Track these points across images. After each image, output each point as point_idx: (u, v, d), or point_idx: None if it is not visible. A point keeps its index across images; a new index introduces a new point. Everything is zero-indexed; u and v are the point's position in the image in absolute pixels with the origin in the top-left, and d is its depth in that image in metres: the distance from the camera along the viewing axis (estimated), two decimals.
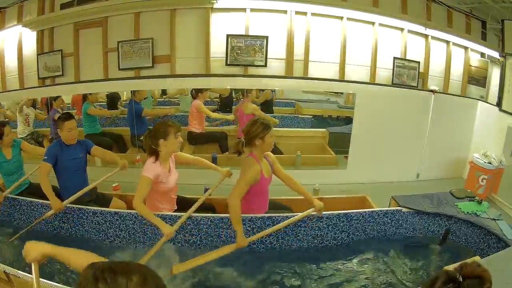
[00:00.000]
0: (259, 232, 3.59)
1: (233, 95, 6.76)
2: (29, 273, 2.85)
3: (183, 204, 3.86)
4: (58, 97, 6.15)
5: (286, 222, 3.62)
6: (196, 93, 6.06)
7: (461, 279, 1.44)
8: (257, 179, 3.44)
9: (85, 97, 6.13)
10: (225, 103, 6.80)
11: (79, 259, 1.69)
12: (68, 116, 3.94)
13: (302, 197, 3.84)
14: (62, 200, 3.85)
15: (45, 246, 1.82)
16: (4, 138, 4.13)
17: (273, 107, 7.01)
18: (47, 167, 3.86)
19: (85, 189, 3.93)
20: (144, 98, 6.26)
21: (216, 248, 3.64)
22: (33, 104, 6.37)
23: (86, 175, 4.23)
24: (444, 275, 1.47)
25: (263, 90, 6.49)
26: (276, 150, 6.01)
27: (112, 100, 6.69)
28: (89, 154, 4.21)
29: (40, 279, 2.60)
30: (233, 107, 6.59)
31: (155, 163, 3.55)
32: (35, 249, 1.80)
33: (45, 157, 3.87)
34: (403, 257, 3.73)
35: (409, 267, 3.57)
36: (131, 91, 5.95)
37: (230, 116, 6.46)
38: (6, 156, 4.24)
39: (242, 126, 6.04)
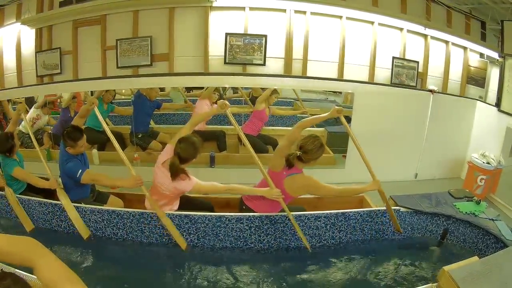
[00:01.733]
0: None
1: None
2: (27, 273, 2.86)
3: (181, 202, 3.85)
4: (74, 97, 6.18)
5: None
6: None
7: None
8: None
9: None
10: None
11: None
12: (80, 135, 3.83)
13: (313, 196, 3.97)
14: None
15: None
16: (14, 150, 4.07)
17: (275, 108, 7.01)
18: (90, 171, 3.81)
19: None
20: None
21: (215, 247, 3.65)
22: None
23: None
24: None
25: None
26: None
27: None
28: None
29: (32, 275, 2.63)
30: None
31: (190, 177, 3.56)
32: None
33: (80, 171, 3.71)
34: (401, 257, 3.73)
35: (407, 267, 3.57)
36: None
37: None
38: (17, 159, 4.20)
39: (252, 126, 6.08)
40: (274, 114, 6.53)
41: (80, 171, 3.70)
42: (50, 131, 6.35)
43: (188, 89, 7.28)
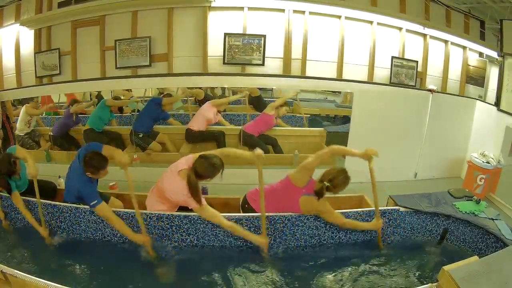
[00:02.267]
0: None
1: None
2: (26, 273, 2.86)
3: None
4: (76, 101, 6.21)
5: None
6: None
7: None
8: None
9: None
10: (256, 102, 6.85)
11: None
12: (105, 164, 3.71)
13: None
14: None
15: None
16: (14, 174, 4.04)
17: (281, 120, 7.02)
18: (106, 208, 3.68)
19: None
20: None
21: (215, 247, 3.65)
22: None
23: None
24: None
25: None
26: (277, 146, 6.08)
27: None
28: None
29: (39, 279, 2.62)
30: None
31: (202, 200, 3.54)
32: None
33: (96, 201, 3.62)
34: (400, 257, 3.72)
35: (407, 267, 3.56)
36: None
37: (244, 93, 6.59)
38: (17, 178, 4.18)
39: (256, 127, 6.09)
40: (279, 125, 6.52)
41: (96, 201, 3.62)
42: (50, 134, 6.36)
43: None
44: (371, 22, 5.42)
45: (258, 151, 3.58)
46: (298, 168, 3.74)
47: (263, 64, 5.27)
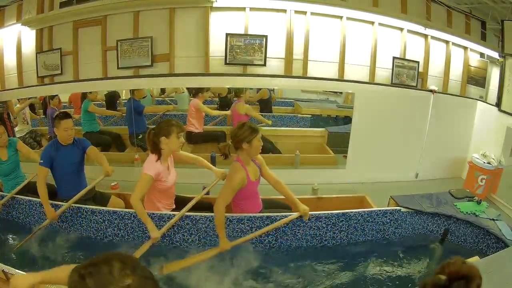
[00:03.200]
0: (253, 231, 3.63)
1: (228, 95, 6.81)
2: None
3: (181, 203, 3.85)
4: (54, 96, 6.18)
5: (267, 228, 3.66)
6: (196, 92, 6.08)
7: (447, 282, 1.39)
8: (243, 185, 3.46)
9: (84, 95, 6.14)
10: (224, 102, 6.83)
11: (65, 272, 1.69)
12: (64, 115, 3.90)
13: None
14: (59, 199, 3.87)
15: (31, 277, 1.83)
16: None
17: (272, 107, 7.02)
18: (44, 172, 3.84)
19: (79, 194, 3.90)
20: (143, 97, 6.29)
21: (215, 246, 3.66)
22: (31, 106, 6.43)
23: (83, 175, 4.19)
24: (430, 283, 1.43)
25: (260, 89, 6.51)
26: (274, 150, 6.06)
27: (111, 99, 6.71)
28: (85, 153, 4.14)
29: None
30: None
31: (156, 161, 3.55)
32: (22, 283, 1.81)
33: (41, 161, 3.83)
34: (402, 257, 3.73)
35: (408, 267, 3.57)
36: (130, 90, 5.97)
37: (229, 112, 6.48)
38: (2, 158, 4.21)
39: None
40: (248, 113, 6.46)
41: (42, 161, 3.85)
42: (48, 135, 6.37)
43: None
44: (372, 23, 5.42)
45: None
46: None
47: (264, 65, 5.27)
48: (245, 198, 3.63)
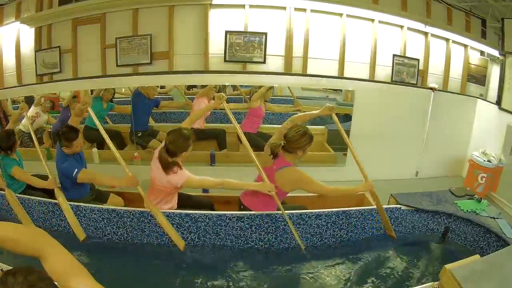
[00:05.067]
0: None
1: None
2: None
3: (181, 200, 3.85)
4: (74, 97, 6.19)
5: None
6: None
7: None
8: None
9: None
10: None
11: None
12: (75, 135, 3.80)
13: (302, 194, 3.88)
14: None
15: None
16: (15, 146, 4.06)
17: (271, 104, 7.02)
18: (87, 171, 3.83)
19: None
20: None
21: (216, 246, 3.66)
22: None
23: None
24: None
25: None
26: None
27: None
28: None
29: None
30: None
31: (182, 169, 3.53)
32: None
33: (76, 170, 3.73)
34: (402, 255, 3.72)
35: (408, 265, 3.56)
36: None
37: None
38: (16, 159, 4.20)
39: (250, 123, 6.08)
40: (270, 110, 6.52)
41: (76, 170, 3.71)
42: (49, 130, 6.36)
43: (189, 87, 7.28)
44: (372, 20, 5.40)
45: None
46: (264, 151, 3.66)
47: (264, 62, 5.25)
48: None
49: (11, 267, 2.52)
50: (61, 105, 6.45)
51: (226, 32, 5.16)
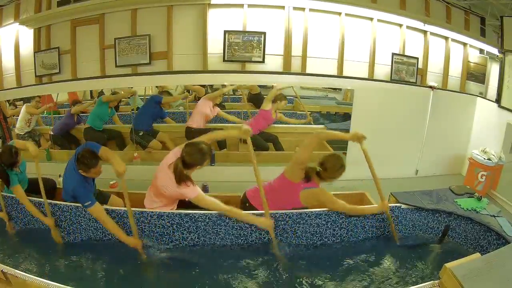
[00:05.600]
0: None
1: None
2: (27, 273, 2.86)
3: (181, 200, 3.84)
4: (77, 101, 6.21)
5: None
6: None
7: None
8: None
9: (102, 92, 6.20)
10: (256, 99, 6.83)
11: None
12: (95, 162, 3.65)
13: None
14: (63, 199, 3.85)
15: None
16: (17, 165, 4.01)
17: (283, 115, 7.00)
18: (99, 209, 3.63)
19: None
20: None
21: (216, 245, 3.65)
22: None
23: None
24: None
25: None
26: (280, 148, 6.08)
27: None
28: None
29: (39, 278, 2.61)
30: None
31: (194, 185, 3.53)
32: None
33: (89, 202, 3.59)
34: (402, 254, 3.71)
35: (408, 264, 3.56)
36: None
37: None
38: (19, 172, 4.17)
39: (258, 125, 6.06)
40: (280, 120, 6.50)
41: (90, 202, 3.59)
42: (50, 133, 6.36)
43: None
44: (371, 19, 5.41)
45: (245, 126, 3.59)
46: (290, 163, 3.68)
47: (263, 61, 5.26)
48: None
49: (12, 268, 2.54)
50: (69, 110, 6.44)
51: (225, 31, 5.16)
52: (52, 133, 6.36)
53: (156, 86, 6.82)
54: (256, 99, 6.89)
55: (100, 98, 6.19)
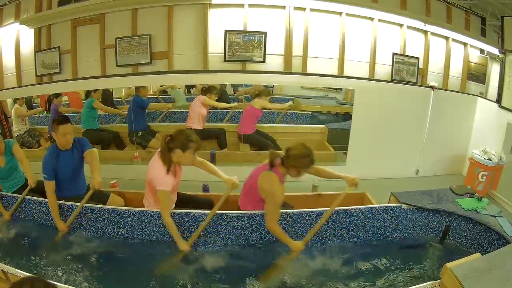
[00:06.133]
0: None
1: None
2: (27, 272, 2.85)
3: (181, 200, 3.84)
4: (59, 94, 6.15)
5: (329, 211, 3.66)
6: (205, 92, 6.05)
7: None
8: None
9: (89, 92, 6.11)
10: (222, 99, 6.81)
11: None
12: (63, 120, 3.78)
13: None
14: (59, 198, 3.84)
15: None
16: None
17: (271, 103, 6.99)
18: (51, 185, 3.73)
19: (83, 202, 3.80)
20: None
21: (216, 245, 3.65)
22: (29, 102, 6.38)
23: (82, 175, 4.14)
24: None
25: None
26: (276, 147, 6.06)
27: (107, 97, 6.66)
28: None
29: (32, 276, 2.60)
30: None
31: (168, 174, 3.49)
32: None
33: (45, 176, 3.70)
34: (402, 254, 3.71)
35: (409, 264, 3.56)
36: (135, 87, 5.98)
37: (234, 104, 6.51)
38: (0, 165, 4.18)
39: (246, 122, 6.04)
40: (265, 107, 6.42)
41: (46, 176, 3.71)
42: (48, 134, 6.36)
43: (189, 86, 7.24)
44: (372, 19, 5.41)
45: (234, 178, 3.69)
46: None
47: (264, 61, 5.26)
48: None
49: (12, 268, 2.54)
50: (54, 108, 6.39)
51: (226, 31, 5.17)
52: (49, 134, 6.35)
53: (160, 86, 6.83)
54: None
55: (90, 102, 6.11)
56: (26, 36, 5.66)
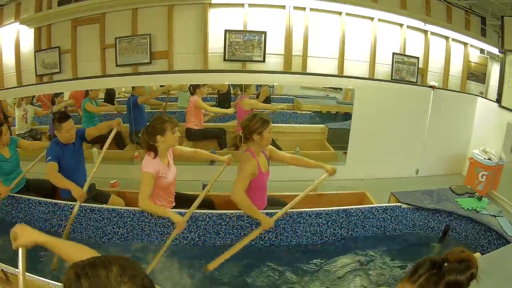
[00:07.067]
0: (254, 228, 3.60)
1: (231, 90, 6.72)
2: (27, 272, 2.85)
3: (181, 200, 3.84)
4: (60, 93, 6.15)
5: (303, 193, 3.59)
6: (193, 89, 6.04)
7: (444, 263, 1.38)
8: (255, 173, 3.44)
9: (86, 93, 6.11)
10: (224, 98, 6.79)
11: (72, 252, 1.63)
12: (65, 117, 3.83)
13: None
14: (62, 198, 3.84)
15: (39, 235, 1.73)
16: (2, 137, 4.04)
17: (271, 103, 6.98)
18: (54, 166, 3.74)
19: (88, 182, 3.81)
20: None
21: (216, 245, 3.65)
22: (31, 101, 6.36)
23: (85, 167, 4.19)
24: (428, 260, 1.42)
25: (260, 86, 6.45)
26: (275, 146, 6.04)
27: (110, 96, 6.67)
28: (86, 141, 4.17)
29: (32, 275, 2.60)
30: (232, 102, 6.55)
31: (154, 158, 3.52)
32: (26, 235, 1.71)
33: (49, 157, 3.74)
34: (402, 254, 3.72)
35: (409, 264, 3.56)
36: (132, 87, 5.97)
37: (229, 110, 6.41)
38: (5, 155, 4.17)
39: (239, 122, 6.05)
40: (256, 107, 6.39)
41: (50, 157, 3.74)
42: (48, 133, 6.35)
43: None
44: (372, 19, 5.40)
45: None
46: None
47: (263, 61, 5.26)
48: (255, 189, 3.55)
49: (12, 268, 2.54)
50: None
51: (226, 31, 5.16)
52: (49, 133, 6.35)
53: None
54: (224, 98, 6.84)
55: (83, 103, 6.07)
56: (26, 35, 5.65)
